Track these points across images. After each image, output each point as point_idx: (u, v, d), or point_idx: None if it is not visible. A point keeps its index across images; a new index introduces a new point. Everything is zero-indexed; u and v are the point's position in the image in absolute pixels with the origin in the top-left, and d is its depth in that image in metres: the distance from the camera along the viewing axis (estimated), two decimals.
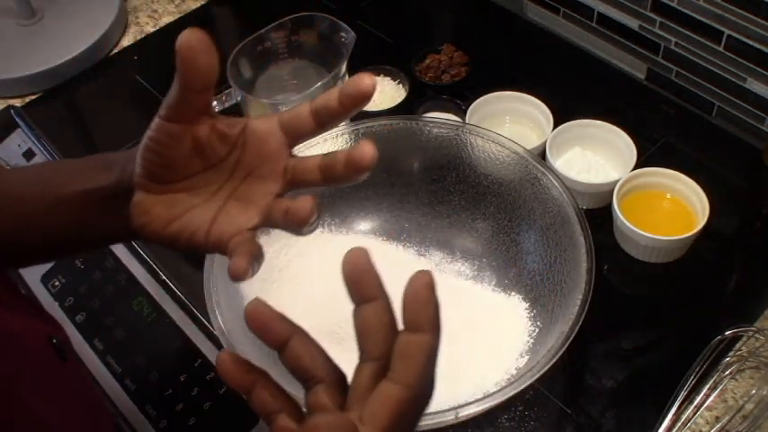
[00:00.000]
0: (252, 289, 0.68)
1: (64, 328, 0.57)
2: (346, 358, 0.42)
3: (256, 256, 0.46)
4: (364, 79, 0.44)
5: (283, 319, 0.41)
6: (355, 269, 0.41)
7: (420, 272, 0.39)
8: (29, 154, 0.93)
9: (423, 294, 0.39)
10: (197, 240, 0.49)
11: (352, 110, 0.46)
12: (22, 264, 0.61)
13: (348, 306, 0.44)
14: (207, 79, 0.45)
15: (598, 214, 0.82)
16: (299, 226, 0.46)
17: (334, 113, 0.46)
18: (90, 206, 0.52)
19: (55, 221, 0.53)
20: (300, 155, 0.49)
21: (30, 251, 0.57)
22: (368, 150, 0.46)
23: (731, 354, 0.70)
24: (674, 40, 0.91)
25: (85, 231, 0.54)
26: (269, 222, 0.48)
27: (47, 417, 0.45)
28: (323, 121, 0.47)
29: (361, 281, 0.41)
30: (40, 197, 0.53)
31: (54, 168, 0.60)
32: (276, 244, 0.73)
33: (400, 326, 0.39)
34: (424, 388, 0.39)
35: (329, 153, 0.48)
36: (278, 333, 0.40)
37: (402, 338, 0.38)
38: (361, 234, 0.79)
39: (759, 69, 0.85)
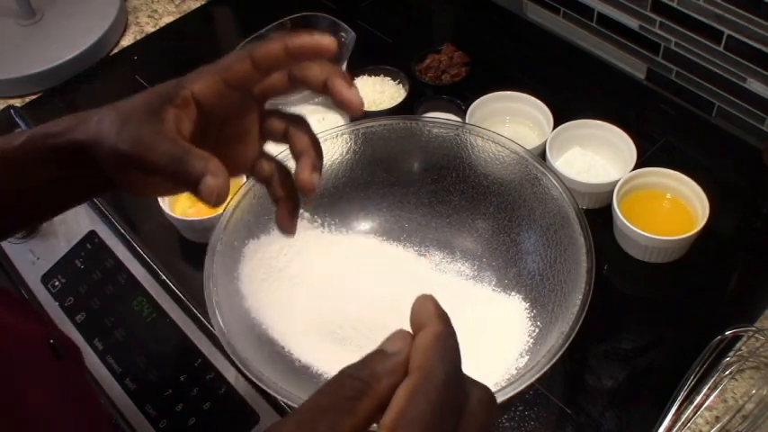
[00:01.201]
0: (252, 289, 0.68)
1: (63, 330, 0.57)
2: (346, 358, 0.42)
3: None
4: (324, 40, 0.45)
5: None
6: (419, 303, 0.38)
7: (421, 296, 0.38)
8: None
9: (418, 302, 0.37)
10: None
11: (300, 61, 0.46)
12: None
13: (349, 306, 0.44)
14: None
15: (598, 214, 0.82)
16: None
17: (280, 64, 0.47)
18: (44, 192, 0.52)
19: (19, 209, 0.53)
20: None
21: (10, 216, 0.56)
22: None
23: (731, 354, 0.70)
24: (674, 40, 0.91)
25: (51, 208, 0.55)
26: (269, 138, 0.51)
27: (44, 408, 0.46)
28: (269, 73, 0.47)
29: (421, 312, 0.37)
30: (31, 156, 0.51)
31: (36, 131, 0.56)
32: (276, 244, 0.73)
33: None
34: (438, 372, 0.34)
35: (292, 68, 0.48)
36: None
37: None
38: (362, 234, 0.79)
39: (759, 69, 0.85)
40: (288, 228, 0.52)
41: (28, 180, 0.51)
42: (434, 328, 0.35)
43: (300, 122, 0.51)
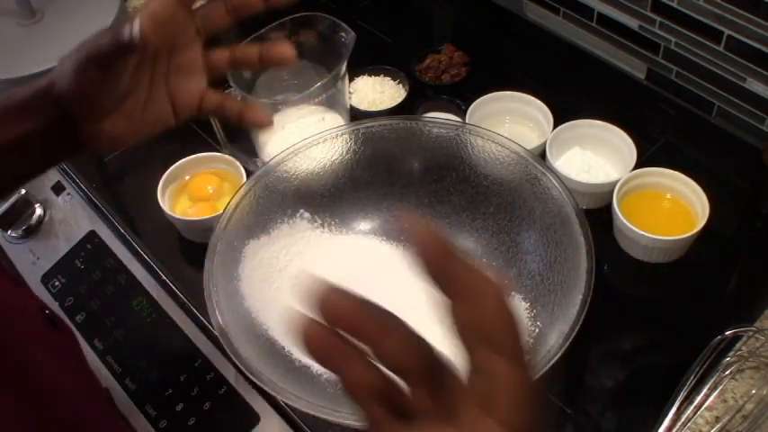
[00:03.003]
0: (252, 289, 0.68)
1: (53, 309, 0.57)
2: None
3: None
4: None
5: (364, 303, 0.32)
6: (437, 258, 0.33)
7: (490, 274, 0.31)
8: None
9: (499, 308, 0.31)
10: (170, 124, 0.54)
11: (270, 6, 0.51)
12: None
13: None
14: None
15: (598, 214, 0.82)
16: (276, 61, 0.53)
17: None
18: (26, 148, 0.53)
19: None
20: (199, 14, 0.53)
21: None
22: None
23: (731, 354, 0.70)
24: (674, 40, 0.91)
25: (34, 166, 0.56)
26: (216, 73, 0.55)
27: (49, 372, 0.46)
28: None
29: (452, 274, 0.33)
30: None
31: None
32: (276, 244, 0.73)
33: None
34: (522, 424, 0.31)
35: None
36: (365, 324, 0.32)
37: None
38: (361, 234, 0.79)
39: (759, 69, 0.85)
40: (265, 121, 0.57)
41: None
42: (516, 371, 0.31)
43: (244, 47, 0.56)
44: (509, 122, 0.91)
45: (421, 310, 0.77)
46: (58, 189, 0.91)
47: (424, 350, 0.32)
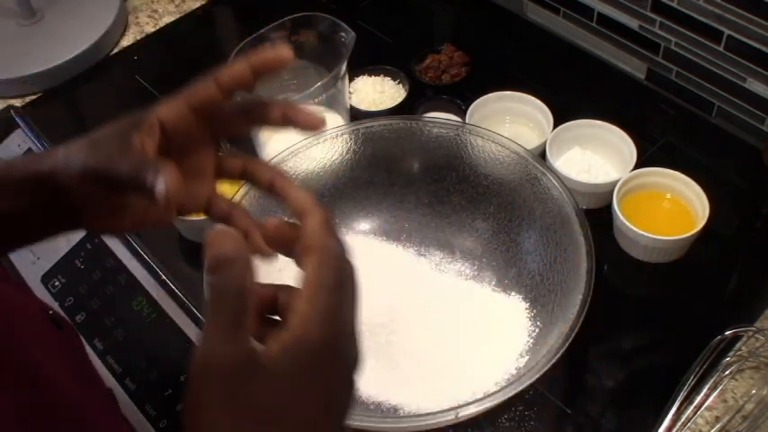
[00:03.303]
0: None
1: (55, 309, 0.57)
2: None
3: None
4: (282, 51, 0.46)
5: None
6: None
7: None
8: (29, 154, 0.93)
9: (298, 192, 0.44)
10: (171, 222, 0.53)
11: (264, 75, 0.47)
12: None
13: None
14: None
15: (598, 214, 0.82)
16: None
17: (244, 83, 0.47)
18: (6, 225, 0.50)
19: None
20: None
21: None
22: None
23: (731, 354, 0.70)
24: (674, 40, 0.91)
25: (12, 243, 0.53)
26: (227, 180, 0.52)
27: (51, 372, 0.46)
28: (232, 93, 0.48)
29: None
30: None
31: None
32: None
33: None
34: (332, 247, 0.41)
35: (246, 100, 0.50)
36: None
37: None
38: (361, 234, 0.79)
39: (759, 69, 0.85)
40: (267, 253, 0.51)
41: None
42: (320, 212, 0.42)
43: (258, 161, 0.52)
44: (509, 122, 0.91)
45: (420, 308, 0.78)
46: None
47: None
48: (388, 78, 0.97)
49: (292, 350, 0.36)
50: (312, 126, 0.47)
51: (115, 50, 1.09)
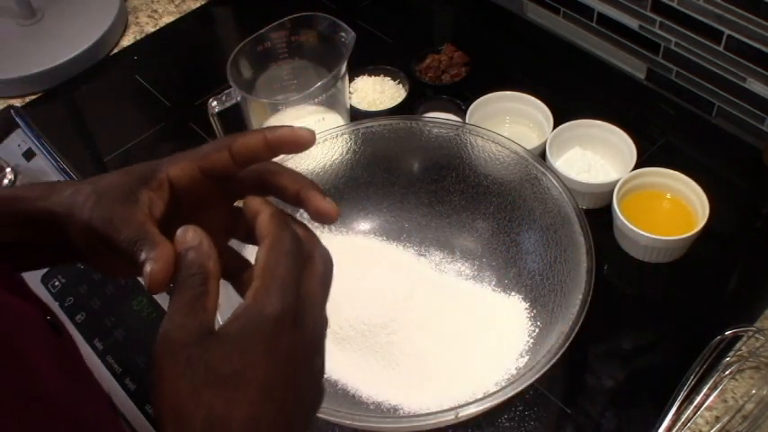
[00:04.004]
0: None
1: (55, 313, 0.57)
2: (346, 358, 0.42)
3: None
4: (304, 134, 0.46)
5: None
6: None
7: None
8: (29, 154, 0.93)
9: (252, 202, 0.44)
10: None
11: (279, 154, 0.47)
12: None
13: (349, 306, 0.44)
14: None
15: (598, 214, 0.82)
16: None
17: (259, 157, 0.47)
18: (6, 254, 0.50)
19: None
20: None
21: None
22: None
23: (731, 354, 0.70)
24: (674, 40, 0.91)
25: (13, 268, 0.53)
26: (235, 236, 0.51)
27: (50, 379, 0.46)
28: (246, 165, 0.47)
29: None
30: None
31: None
32: None
33: None
34: (282, 231, 0.42)
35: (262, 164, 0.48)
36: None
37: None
38: (361, 234, 0.79)
39: (759, 69, 0.85)
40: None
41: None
42: (269, 209, 0.43)
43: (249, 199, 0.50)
44: (509, 122, 0.91)
45: (420, 308, 0.78)
46: None
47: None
48: (388, 78, 0.97)
49: (243, 317, 0.39)
50: (323, 218, 0.46)
51: (115, 50, 1.09)
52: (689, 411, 0.67)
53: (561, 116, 0.87)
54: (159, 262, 0.42)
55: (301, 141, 0.46)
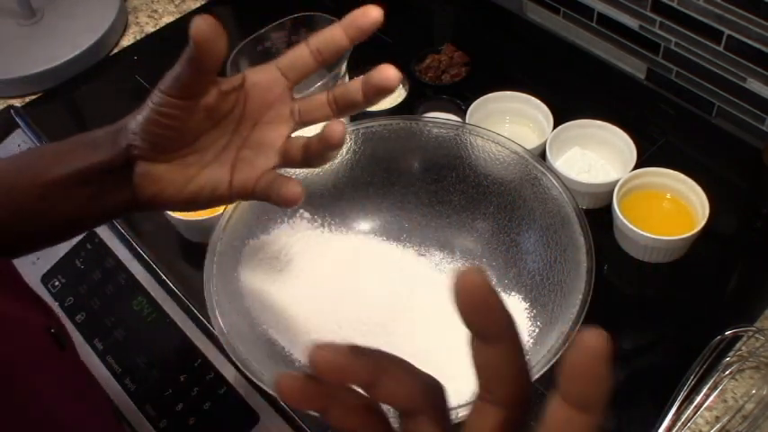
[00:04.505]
0: (252, 289, 0.68)
1: (60, 319, 0.57)
2: None
3: (297, 182, 0.49)
4: (389, 72, 0.47)
5: (355, 352, 0.31)
6: (473, 296, 0.31)
7: (593, 333, 0.28)
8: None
9: (596, 369, 0.29)
10: (219, 194, 0.51)
11: (357, 38, 0.49)
12: (26, 251, 0.60)
13: (349, 306, 0.44)
14: (218, 61, 0.47)
15: (598, 214, 0.82)
16: (332, 148, 0.48)
17: (336, 45, 0.49)
18: (83, 186, 0.52)
19: (49, 206, 0.52)
20: (301, 99, 0.51)
21: (29, 239, 0.56)
22: (389, 73, 0.48)
23: (731, 354, 0.70)
24: (674, 40, 0.91)
25: (84, 212, 0.53)
26: (287, 161, 0.51)
27: (50, 400, 0.45)
28: (323, 57, 0.49)
29: (483, 313, 0.31)
30: (30, 184, 0.52)
31: (38, 154, 0.59)
32: (276, 244, 0.73)
33: None
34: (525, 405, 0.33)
35: (335, 87, 0.50)
36: (358, 373, 0.31)
37: (561, 412, 0.30)
38: (362, 234, 0.79)
39: (759, 69, 0.85)
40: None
41: (69, 166, 0.52)
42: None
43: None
44: (509, 122, 0.91)
45: (420, 308, 0.78)
46: None
47: (422, 387, 0.32)
48: None
49: None
50: (383, 84, 0.48)
51: (115, 50, 1.09)
52: (689, 411, 0.67)
53: (561, 116, 0.87)
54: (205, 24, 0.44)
55: (371, 17, 0.49)
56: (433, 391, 0.32)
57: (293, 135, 0.52)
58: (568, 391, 0.30)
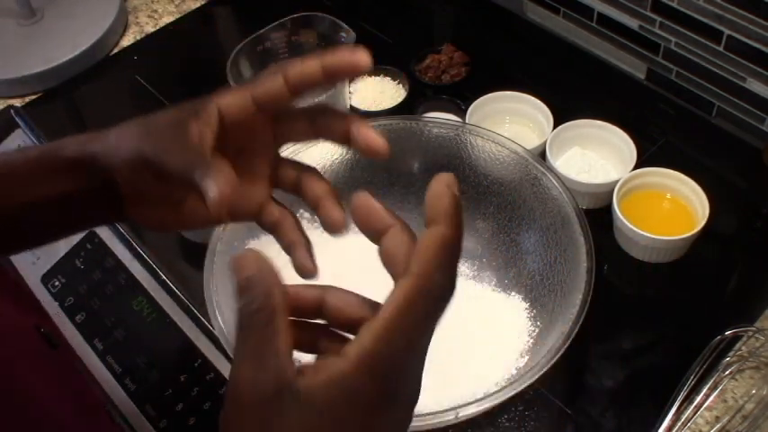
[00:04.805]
0: None
1: (63, 330, 0.57)
2: None
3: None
4: (360, 55, 0.42)
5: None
6: (363, 212, 0.41)
7: (441, 174, 0.38)
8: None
9: (438, 189, 0.38)
10: (213, 222, 0.50)
11: (336, 80, 0.44)
12: (17, 249, 0.58)
13: None
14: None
15: (598, 214, 0.82)
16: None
17: (314, 83, 0.44)
18: (59, 208, 0.49)
19: (25, 222, 0.50)
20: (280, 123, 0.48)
21: (15, 240, 0.53)
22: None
23: (731, 354, 0.70)
24: (674, 40, 0.91)
25: (66, 224, 0.51)
26: (279, 186, 0.49)
27: (49, 402, 0.45)
28: (301, 93, 0.45)
29: (370, 220, 0.40)
30: None
31: (7, 170, 0.53)
32: (276, 244, 0.73)
33: None
34: (436, 280, 0.36)
35: (315, 105, 0.47)
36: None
37: (423, 234, 0.36)
38: (362, 234, 0.79)
39: (759, 69, 0.85)
40: (310, 270, 0.50)
41: (36, 193, 0.49)
42: (441, 230, 0.37)
43: (314, 172, 0.49)
44: (509, 122, 0.91)
45: None
46: None
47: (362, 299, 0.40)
48: (388, 78, 0.97)
49: (338, 387, 0.32)
50: (374, 152, 0.45)
51: (115, 50, 1.09)
52: (689, 411, 0.67)
53: (561, 116, 0.87)
54: (225, 181, 0.39)
55: (357, 63, 0.43)
56: (371, 302, 0.39)
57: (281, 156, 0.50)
58: (425, 216, 0.37)
